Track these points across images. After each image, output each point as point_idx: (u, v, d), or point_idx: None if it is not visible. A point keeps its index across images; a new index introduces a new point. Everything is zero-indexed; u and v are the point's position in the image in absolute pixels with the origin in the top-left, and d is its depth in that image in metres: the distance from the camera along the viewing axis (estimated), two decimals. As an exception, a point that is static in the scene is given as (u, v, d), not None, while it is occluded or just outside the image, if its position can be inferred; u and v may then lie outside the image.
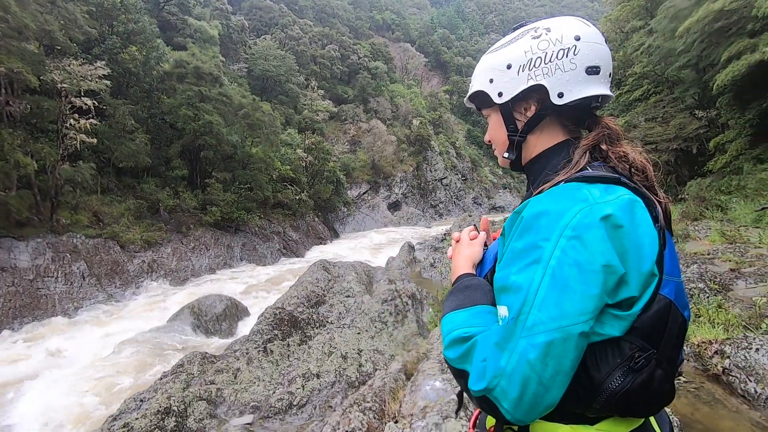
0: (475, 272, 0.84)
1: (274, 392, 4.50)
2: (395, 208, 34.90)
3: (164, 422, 3.83)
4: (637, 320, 0.62)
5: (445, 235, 12.73)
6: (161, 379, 5.06)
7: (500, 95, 0.80)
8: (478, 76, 0.84)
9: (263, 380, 4.73)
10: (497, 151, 0.88)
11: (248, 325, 7.97)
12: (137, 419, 3.80)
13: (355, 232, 27.88)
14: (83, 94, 13.07)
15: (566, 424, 0.66)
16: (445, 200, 39.75)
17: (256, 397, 4.43)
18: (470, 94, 0.86)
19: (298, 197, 22.60)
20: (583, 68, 0.73)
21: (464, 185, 42.88)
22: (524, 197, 0.76)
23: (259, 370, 4.92)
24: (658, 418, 0.73)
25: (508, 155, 0.85)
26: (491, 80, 0.81)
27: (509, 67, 0.78)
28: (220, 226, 17.12)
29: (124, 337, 8.15)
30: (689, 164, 12.21)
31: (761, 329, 3.13)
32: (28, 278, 10.12)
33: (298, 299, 6.82)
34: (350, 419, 2.94)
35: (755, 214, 6.94)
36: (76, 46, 14.35)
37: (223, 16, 36.93)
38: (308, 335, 5.97)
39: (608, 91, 0.76)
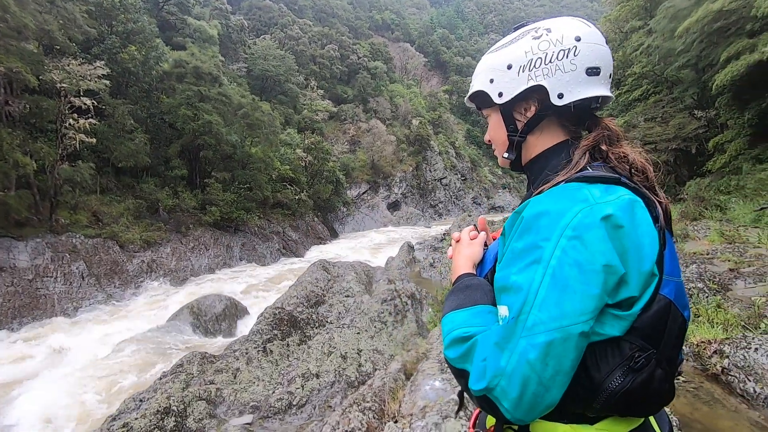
0: (475, 272, 0.84)
1: (273, 392, 4.50)
2: (395, 208, 34.90)
3: (164, 422, 3.83)
4: (637, 320, 0.62)
5: (444, 235, 12.73)
6: (161, 379, 5.06)
7: (500, 95, 0.80)
8: (478, 75, 0.84)
9: (263, 380, 4.73)
10: (497, 151, 0.88)
11: (248, 325, 7.97)
12: (137, 419, 3.80)
13: (354, 232, 27.86)
14: (82, 93, 13.04)
15: (566, 423, 0.66)
16: (444, 200, 39.75)
17: (255, 397, 4.43)
18: (471, 93, 0.86)
19: (297, 197, 22.59)
20: (583, 69, 0.73)
21: (464, 185, 42.89)
22: (524, 197, 0.76)
23: (258, 370, 4.92)
24: (657, 417, 0.73)
25: (507, 155, 0.85)
26: (492, 80, 0.81)
27: (510, 67, 0.78)
28: (219, 226, 17.11)
29: (123, 336, 8.15)
30: (688, 164, 12.22)
31: (760, 329, 3.14)
32: (27, 278, 10.11)
33: (297, 299, 6.82)
34: (350, 419, 2.94)
35: (754, 213, 6.95)
36: (75, 45, 14.34)
37: (222, 15, 36.94)
38: (308, 335, 5.97)
39: (608, 92, 0.76)
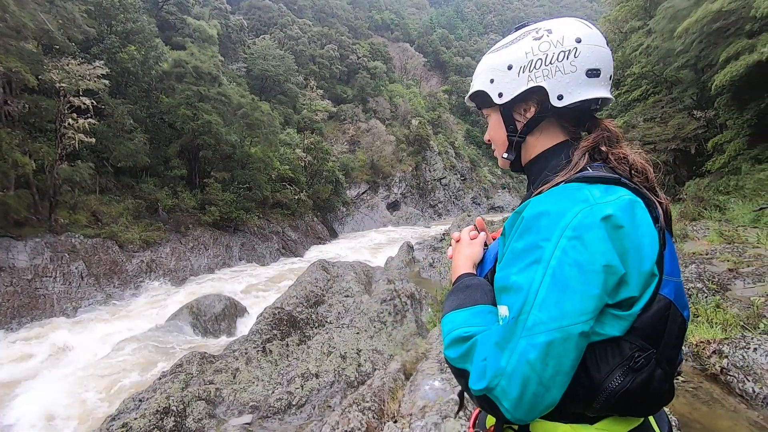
0: (475, 272, 0.84)
1: (273, 392, 4.50)
2: (394, 207, 34.90)
3: (163, 422, 3.83)
4: (637, 320, 0.62)
5: (444, 234, 12.72)
6: (160, 378, 5.06)
7: (500, 96, 0.80)
8: (479, 75, 0.84)
9: (262, 380, 4.73)
10: (497, 151, 0.88)
11: (247, 324, 7.96)
12: (136, 419, 3.79)
13: (354, 231, 27.86)
14: (82, 93, 13.02)
15: (566, 423, 0.66)
16: (444, 200, 39.76)
17: (255, 397, 4.43)
18: (471, 93, 0.87)
19: (297, 197, 22.58)
20: (583, 71, 0.73)
21: (463, 185, 42.90)
22: (524, 197, 0.76)
23: (258, 369, 4.92)
24: (657, 417, 0.74)
25: (507, 155, 0.85)
26: (492, 80, 0.81)
27: (510, 67, 0.78)
28: (218, 225, 17.09)
29: (123, 336, 8.14)
30: (687, 164, 12.24)
31: (759, 329, 3.15)
32: (26, 278, 10.10)
33: (297, 299, 6.82)
34: (349, 419, 2.94)
35: (753, 214, 6.96)
36: (74, 45, 14.30)
37: (222, 15, 36.92)
38: (307, 335, 5.97)
39: (608, 93, 0.76)
